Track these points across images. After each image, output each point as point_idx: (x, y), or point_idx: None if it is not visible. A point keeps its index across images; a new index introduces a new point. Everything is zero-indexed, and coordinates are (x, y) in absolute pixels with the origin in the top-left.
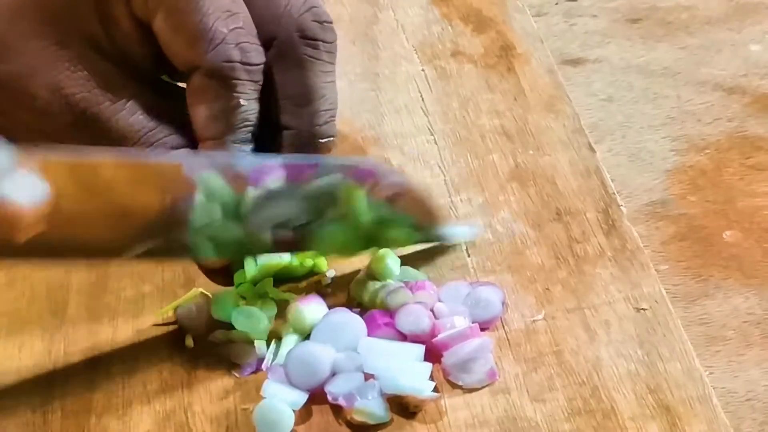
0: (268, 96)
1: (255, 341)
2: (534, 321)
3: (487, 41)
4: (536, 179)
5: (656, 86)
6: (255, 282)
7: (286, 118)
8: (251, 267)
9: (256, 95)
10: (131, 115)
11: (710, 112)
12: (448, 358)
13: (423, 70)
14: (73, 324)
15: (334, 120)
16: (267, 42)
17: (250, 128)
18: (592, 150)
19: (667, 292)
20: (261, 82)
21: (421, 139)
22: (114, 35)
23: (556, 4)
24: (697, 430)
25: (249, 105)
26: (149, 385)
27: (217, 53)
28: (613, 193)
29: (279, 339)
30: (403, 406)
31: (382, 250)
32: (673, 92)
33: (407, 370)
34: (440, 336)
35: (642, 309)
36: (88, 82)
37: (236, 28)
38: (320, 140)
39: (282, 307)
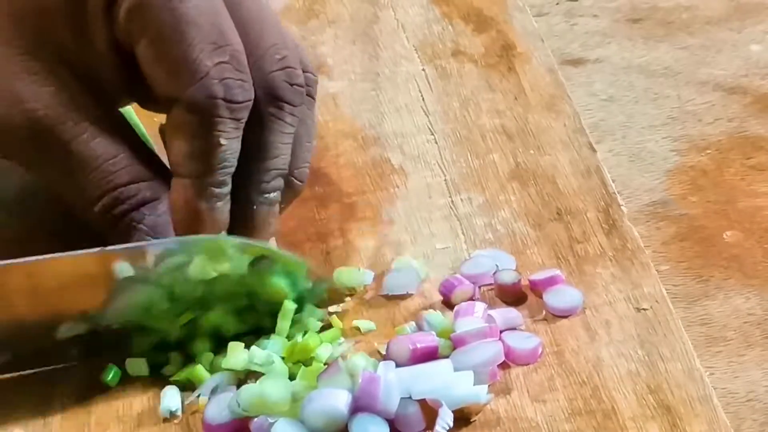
0: None
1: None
2: (535, 321)
3: (487, 41)
4: (537, 179)
5: (657, 86)
6: None
7: (239, 169)
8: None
9: (237, 135)
10: (92, 140)
11: (711, 112)
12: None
13: (423, 69)
14: None
15: (278, 181)
16: None
17: (229, 170)
18: (593, 150)
19: (667, 293)
20: (244, 121)
21: (421, 138)
22: (87, 54)
23: (557, 3)
24: (697, 431)
25: (229, 145)
26: (150, 386)
27: (200, 88)
28: (614, 193)
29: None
30: (462, 418)
31: None
32: (673, 92)
33: (457, 384)
34: (459, 332)
35: (643, 309)
36: (53, 99)
37: (222, 62)
38: (264, 195)
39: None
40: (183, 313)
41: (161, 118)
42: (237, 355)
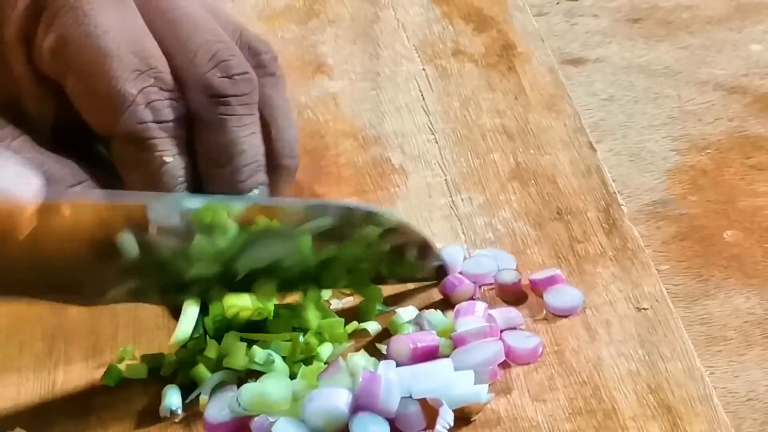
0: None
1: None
2: (535, 320)
3: (487, 40)
4: (537, 178)
5: (657, 86)
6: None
7: (208, 180)
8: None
9: (179, 150)
10: (18, 154)
11: (711, 111)
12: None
13: (424, 69)
14: (73, 324)
15: (259, 171)
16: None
17: (184, 184)
18: (593, 149)
19: (668, 292)
20: (183, 135)
21: (421, 138)
22: (6, 86)
23: (557, 3)
24: (697, 430)
25: (175, 161)
26: (150, 386)
27: (129, 117)
28: (614, 193)
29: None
30: (462, 417)
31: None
32: (674, 92)
33: (457, 383)
34: (459, 331)
35: (643, 309)
36: None
37: (145, 87)
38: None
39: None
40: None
41: None
42: (238, 354)
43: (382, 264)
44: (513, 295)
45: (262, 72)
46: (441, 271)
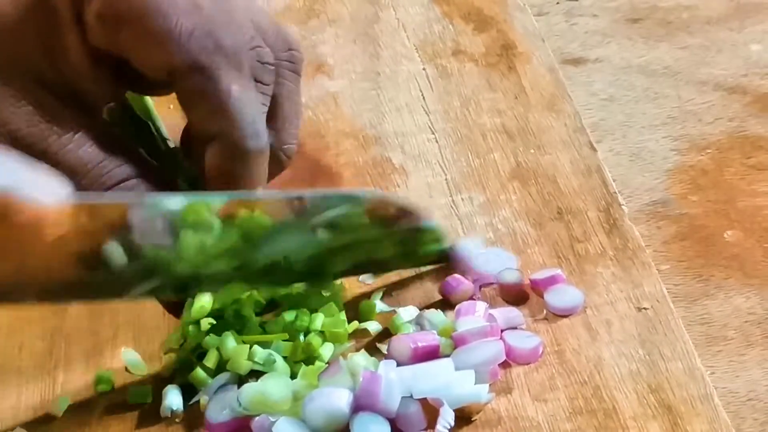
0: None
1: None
2: (535, 320)
3: (488, 40)
4: (537, 178)
5: (657, 86)
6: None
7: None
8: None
9: (247, 84)
10: (79, 148)
11: (711, 111)
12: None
13: (424, 68)
14: (73, 324)
15: (263, 130)
16: None
17: (257, 120)
18: (593, 149)
19: (668, 292)
20: (247, 69)
21: (422, 137)
22: (61, 68)
23: (557, 3)
24: (698, 430)
25: (242, 94)
26: (150, 385)
27: (191, 46)
28: (615, 192)
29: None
30: (463, 417)
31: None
32: (673, 92)
33: (458, 383)
34: (460, 331)
35: (643, 308)
36: (33, 117)
37: (199, 22)
38: (252, 149)
39: None
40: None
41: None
42: (240, 359)
43: (384, 248)
44: (515, 295)
45: (292, 66)
46: (449, 255)
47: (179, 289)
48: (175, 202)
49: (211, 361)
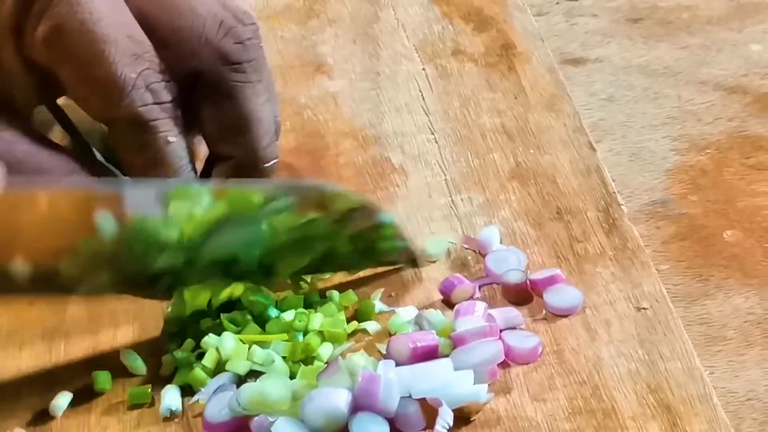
0: (201, 129)
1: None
2: (534, 320)
3: (487, 40)
4: (537, 178)
5: (657, 86)
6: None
7: (227, 149)
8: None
9: (179, 130)
10: (9, 146)
11: (711, 111)
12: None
13: (424, 68)
14: (73, 324)
15: (274, 140)
16: (191, 76)
17: (188, 163)
18: (593, 149)
19: (667, 292)
20: (180, 117)
21: (421, 138)
22: None
23: (557, 3)
24: (697, 430)
25: (178, 141)
26: (150, 385)
27: (132, 101)
28: (614, 192)
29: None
30: (462, 417)
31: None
32: (673, 92)
33: (457, 383)
34: (459, 331)
35: (643, 308)
36: None
37: (143, 70)
38: (264, 165)
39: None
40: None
41: None
42: (240, 359)
43: (345, 245)
44: (517, 296)
45: (255, 43)
46: (409, 254)
47: (131, 286)
48: (169, 186)
49: (209, 361)
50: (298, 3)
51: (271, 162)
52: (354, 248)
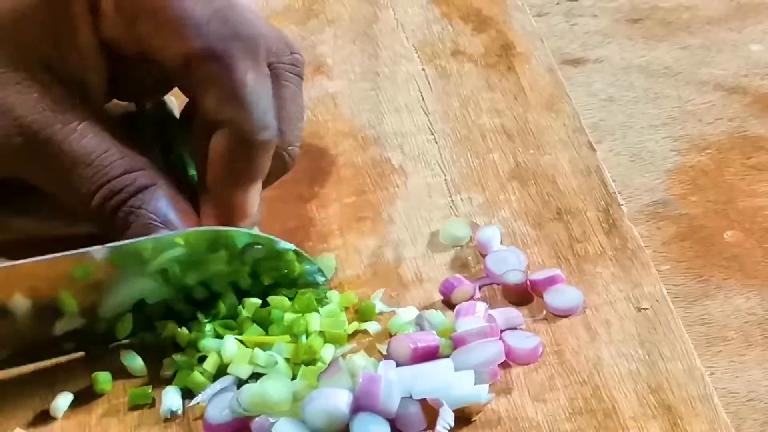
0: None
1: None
2: (535, 321)
3: (487, 40)
4: (537, 178)
5: (657, 86)
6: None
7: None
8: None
9: (261, 71)
10: (83, 138)
11: (711, 112)
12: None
13: (423, 69)
14: None
15: (298, 129)
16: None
17: (268, 111)
18: (593, 149)
19: (668, 292)
20: (263, 58)
21: (421, 138)
22: (69, 58)
23: (557, 3)
24: (698, 430)
25: (256, 82)
26: (150, 386)
27: (208, 33)
28: (614, 193)
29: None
30: (463, 418)
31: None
32: (674, 92)
33: (458, 384)
34: (460, 331)
35: (643, 308)
36: (39, 105)
37: (218, 8)
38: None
39: None
40: (178, 295)
41: None
42: (242, 363)
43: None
44: (518, 296)
45: (296, 70)
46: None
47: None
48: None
49: (210, 365)
50: (298, 3)
51: (268, 139)
52: (259, 280)
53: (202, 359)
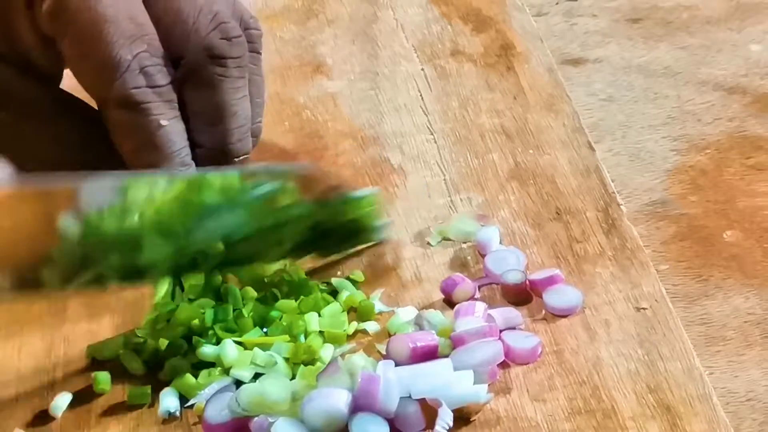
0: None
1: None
2: (534, 320)
3: (486, 40)
4: (536, 178)
5: (657, 86)
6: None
7: (200, 137)
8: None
9: (175, 114)
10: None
11: (711, 111)
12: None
13: (422, 69)
14: (73, 324)
15: (247, 136)
16: (176, 60)
17: (183, 148)
18: (592, 149)
19: (667, 292)
20: (176, 101)
21: (420, 138)
22: (17, 45)
23: (557, 3)
24: (697, 430)
25: (172, 126)
26: (149, 386)
27: (124, 82)
28: (613, 192)
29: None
30: (462, 417)
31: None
32: (673, 92)
33: (457, 383)
34: (459, 331)
35: (642, 308)
36: None
37: (140, 52)
38: (234, 158)
39: None
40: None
41: None
42: (243, 366)
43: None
44: (517, 296)
45: (250, 46)
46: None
47: (125, 275)
48: (122, 180)
49: (204, 377)
50: (297, 3)
51: (241, 157)
52: (333, 229)
53: (201, 364)
